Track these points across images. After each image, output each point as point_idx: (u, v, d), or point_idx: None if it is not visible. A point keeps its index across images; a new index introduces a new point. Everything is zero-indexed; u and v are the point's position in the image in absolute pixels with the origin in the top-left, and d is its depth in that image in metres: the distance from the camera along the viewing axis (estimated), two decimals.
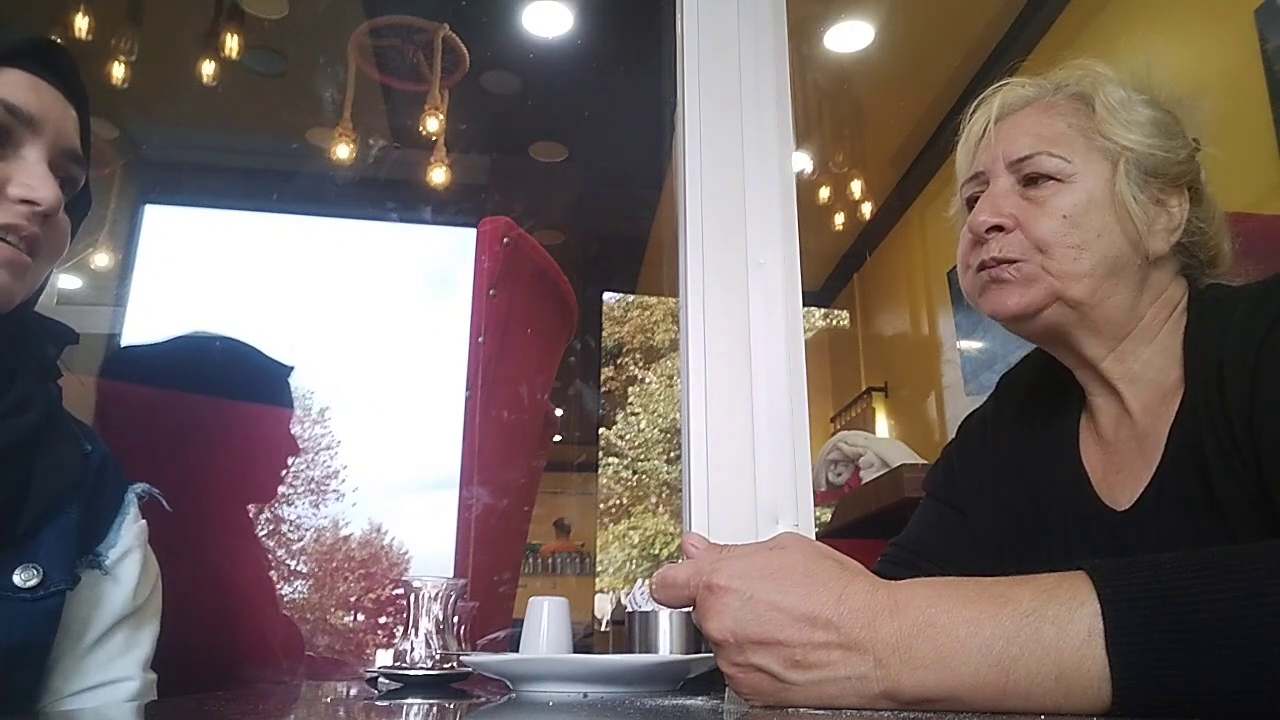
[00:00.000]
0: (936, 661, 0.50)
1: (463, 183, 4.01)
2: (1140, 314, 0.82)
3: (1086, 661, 0.47)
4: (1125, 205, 0.79)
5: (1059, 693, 0.48)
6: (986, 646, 0.49)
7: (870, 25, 3.48)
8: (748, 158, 1.45)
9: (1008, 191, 0.83)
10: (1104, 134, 0.81)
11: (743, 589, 0.55)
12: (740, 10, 1.51)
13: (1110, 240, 0.79)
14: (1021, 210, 0.81)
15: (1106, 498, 0.83)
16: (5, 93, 0.75)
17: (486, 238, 1.76)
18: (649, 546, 9.10)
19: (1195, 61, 2.43)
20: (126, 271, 3.73)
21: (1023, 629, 0.49)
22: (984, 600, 0.51)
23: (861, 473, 2.56)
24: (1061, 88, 0.86)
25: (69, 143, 0.82)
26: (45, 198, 0.76)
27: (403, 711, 0.71)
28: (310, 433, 3.84)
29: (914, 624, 0.51)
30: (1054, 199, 0.80)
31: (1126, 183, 0.80)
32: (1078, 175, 0.81)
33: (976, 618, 0.50)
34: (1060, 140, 0.82)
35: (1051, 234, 0.79)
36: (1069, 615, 0.48)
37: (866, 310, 5.11)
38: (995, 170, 0.84)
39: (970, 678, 0.49)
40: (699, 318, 1.37)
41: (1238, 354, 0.71)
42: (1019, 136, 0.84)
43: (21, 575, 0.77)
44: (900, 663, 0.50)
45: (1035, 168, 0.82)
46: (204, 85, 3.36)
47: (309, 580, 3.48)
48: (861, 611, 0.52)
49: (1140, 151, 0.81)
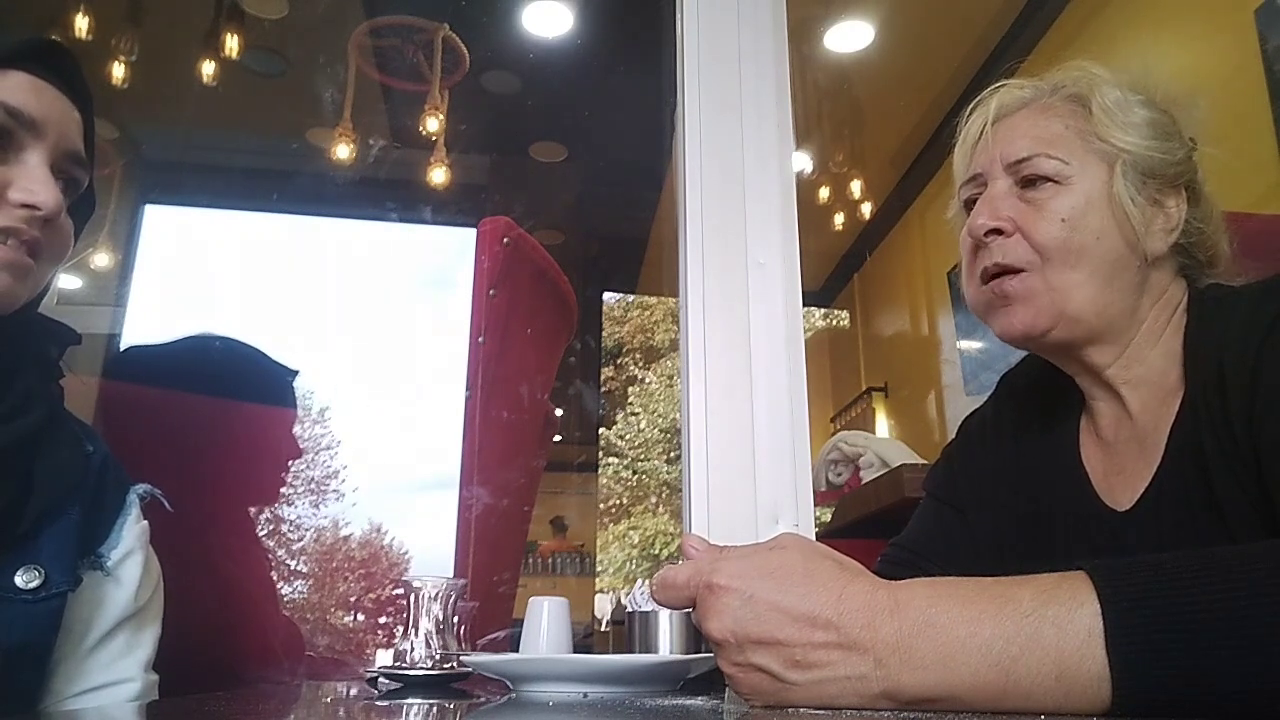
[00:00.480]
0: (936, 661, 0.50)
1: (463, 183, 4.01)
2: (1142, 317, 0.82)
3: (1087, 661, 0.47)
4: (1123, 207, 0.79)
5: (1059, 692, 0.48)
6: (987, 646, 0.49)
7: (870, 25, 3.48)
8: (748, 158, 1.45)
9: (1005, 194, 0.83)
10: (1101, 136, 0.82)
11: (742, 589, 0.55)
12: (740, 10, 1.51)
13: (1109, 243, 0.79)
14: (1020, 213, 0.81)
15: (1107, 498, 0.83)
16: (6, 95, 0.75)
17: (486, 238, 1.76)
18: (649, 546, 9.10)
19: (1195, 61, 2.43)
20: (126, 271, 3.73)
21: (1023, 629, 0.49)
22: (984, 600, 0.51)
23: (861, 473, 2.56)
24: (1058, 89, 0.86)
25: (71, 145, 0.82)
26: (46, 202, 0.76)
27: (403, 711, 0.72)
28: (310, 433, 3.84)
29: (914, 624, 0.51)
30: (1052, 201, 0.80)
31: (1124, 184, 0.80)
32: (1075, 177, 0.81)
33: (977, 617, 0.50)
34: (1058, 142, 0.82)
35: (1051, 238, 0.79)
36: (1069, 615, 0.48)
37: (866, 310, 5.11)
38: (993, 172, 0.84)
39: (970, 677, 0.49)
40: (699, 318, 1.37)
41: (1238, 354, 0.71)
42: (1016, 138, 0.84)
43: (23, 576, 0.77)
44: (900, 662, 0.51)
45: (1033, 169, 0.82)
46: (204, 85, 3.36)
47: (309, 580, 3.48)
48: (861, 611, 0.52)
49: (1137, 153, 0.81)
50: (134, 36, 3.25)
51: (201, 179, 4.25)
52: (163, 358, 1.67)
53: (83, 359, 1.60)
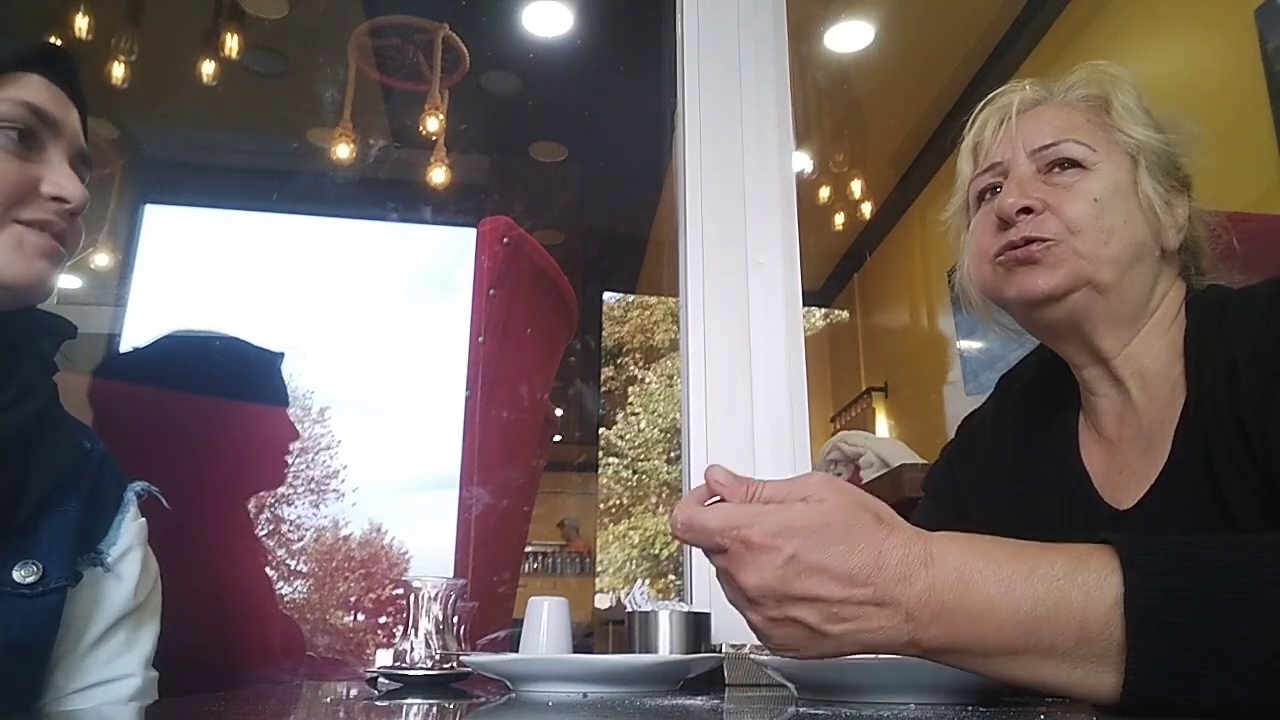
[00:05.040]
0: (965, 617, 0.52)
1: (463, 183, 4.01)
2: (1154, 307, 0.83)
3: (1109, 629, 0.49)
4: (1148, 197, 0.81)
5: (1078, 654, 0.50)
6: (1016, 606, 0.51)
7: (870, 25, 3.48)
8: (748, 158, 1.45)
9: (1032, 177, 0.84)
10: (1123, 130, 0.83)
11: (784, 547, 0.54)
12: (740, 10, 1.52)
13: (1135, 228, 0.81)
14: (1049, 194, 0.82)
15: (1109, 497, 0.83)
16: (31, 97, 0.80)
17: (486, 238, 1.76)
18: (649, 546, 9.10)
19: (1195, 61, 2.43)
20: (126, 271, 3.73)
21: (1052, 592, 0.51)
22: (1018, 560, 0.53)
23: (861, 473, 2.56)
24: (1074, 88, 0.88)
25: (81, 145, 0.86)
26: (74, 195, 0.82)
27: (403, 711, 0.72)
28: (310, 433, 3.83)
29: (946, 578, 0.53)
30: (1081, 184, 0.81)
31: (1148, 176, 0.82)
32: (1101, 164, 0.82)
33: (1009, 577, 0.52)
34: (1082, 130, 0.84)
35: (1083, 214, 0.80)
36: (1099, 583, 0.50)
37: (866, 310, 5.10)
38: (1016, 159, 0.85)
39: (995, 633, 0.52)
40: (699, 318, 1.37)
41: (1252, 351, 0.72)
42: (1041, 126, 0.85)
43: (21, 572, 0.78)
44: (930, 616, 0.52)
45: (1061, 154, 0.83)
46: (204, 85, 3.36)
47: (309, 580, 3.48)
48: (898, 565, 0.53)
49: (1158, 149, 0.83)
50: (134, 36, 3.25)
51: (201, 179, 4.25)
52: (143, 362, 1.66)
53: (82, 359, 1.60)
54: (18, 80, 0.80)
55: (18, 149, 0.79)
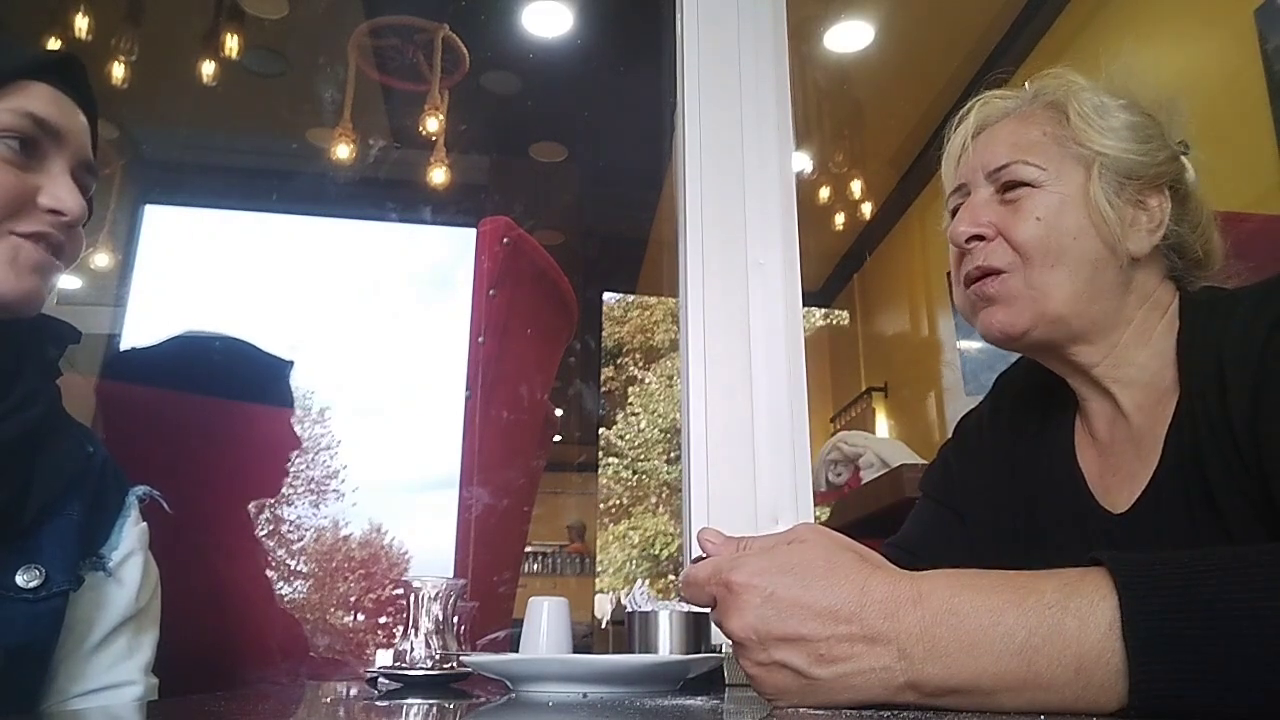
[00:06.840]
0: (960, 650, 0.50)
1: (463, 183, 4.01)
2: (1129, 317, 0.82)
3: (1107, 654, 0.48)
4: (1099, 208, 0.80)
5: (1078, 684, 0.49)
6: (1009, 636, 0.50)
7: (870, 26, 3.48)
8: (748, 158, 1.45)
9: (986, 201, 0.85)
10: (1078, 140, 0.83)
11: (763, 586, 0.54)
12: (740, 10, 1.52)
13: (1087, 243, 0.81)
14: (1000, 217, 0.83)
15: (1103, 500, 0.83)
16: (34, 106, 0.79)
17: (486, 238, 1.76)
18: (649, 546, 9.10)
19: (1195, 61, 2.43)
20: (126, 271, 3.73)
21: (1045, 620, 0.50)
22: (1007, 590, 0.51)
23: (861, 473, 2.56)
24: (1038, 97, 0.88)
25: (86, 154, 0.86)
26: (72, 208, 0.81)
27: (403, 711, 0.72)
28: (310, 433, 3.83)
29: (936, 613, 0.51)
30: (1027, 202, 0.82)
31: (1100, 185, 0.81)
32: (1051, 181, 0.82)
33: (1000, 607, 0.51)
34: (1035, 148, 0.84)
35: (1029, 238, 0.81)
36: (1091, 608, 0.49)
37: (866, 310, 5.10)
38: (975, 181, 0.87)
39: (993, 666, 0.50)
40: (699, 318, 1.37)
41: (1239, 355, 0.71)
42: (995, 147, 0.86)
43: (24, 576, 0.78)
44: (924, 653, 0.51)
45: (1011, 175, 0.84)
46: (204, 85, 3.36)
47: (309, 580, 3.48)
48: (884, 603, 0.52)
49: (1114, 155, 0.82)
50: (134, 36, 3.25)
51: (201, 179, 4.24)
52: (155, 359, 1.67)
53: (83, 359, 1.60)
54: (24, 89, 0.79)
55: (18, 159, 0.78)
